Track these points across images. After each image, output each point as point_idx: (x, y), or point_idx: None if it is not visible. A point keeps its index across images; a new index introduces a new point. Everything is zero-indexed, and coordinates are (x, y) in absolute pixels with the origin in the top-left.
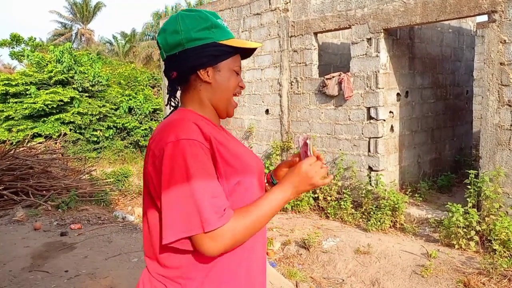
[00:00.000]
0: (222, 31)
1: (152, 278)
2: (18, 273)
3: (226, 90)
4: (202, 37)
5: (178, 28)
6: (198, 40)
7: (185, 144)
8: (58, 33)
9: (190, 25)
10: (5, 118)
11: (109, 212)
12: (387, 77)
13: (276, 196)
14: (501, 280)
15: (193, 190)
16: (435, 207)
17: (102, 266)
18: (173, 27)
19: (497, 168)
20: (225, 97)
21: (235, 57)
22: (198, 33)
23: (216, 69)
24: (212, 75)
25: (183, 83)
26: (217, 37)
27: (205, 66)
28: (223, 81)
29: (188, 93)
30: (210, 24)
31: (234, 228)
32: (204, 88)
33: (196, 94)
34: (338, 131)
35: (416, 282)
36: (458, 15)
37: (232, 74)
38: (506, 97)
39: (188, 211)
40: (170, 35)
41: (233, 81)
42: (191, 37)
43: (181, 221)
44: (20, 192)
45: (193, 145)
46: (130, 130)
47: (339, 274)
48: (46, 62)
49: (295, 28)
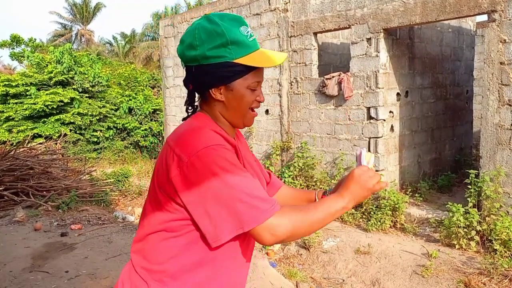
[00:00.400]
0: (240, 47)
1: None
2: (19, 274)
3: (239, 109)
4: (216, 55)
5: (194, 42)
6: (212, 58)
7: (215, 149)
8: (58, 34)
9: (205, 41)
10: (5, 118)
11: (109, 212)
12: (387, 77)
13: (334, 203)
14: (502, 280)
15: (235, 189)
16: (435, 207)
17: (102, 267)
18: (189, 41)
19: (498, 167)
20: (239, 114)
21: (253, 73)
22: (212, 51)
23: (229, 88)
24: (225, 94)
25: (200, 94)
26: (232, 56)
27: (217, 86)
28: (236, 100)
29: (205, 104)
30: (226, 40)
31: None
32: (218, 104)
33: (211, 108)
34: (338, 131)
35: (416, 282)
36: (458, 15)
37: (247, 92)
38: (507, 96)
39: (238, 207)
40: (187, 48)
41: (247, 98)
42: (205, 55)
43: (233, 219)
44: (21, 192)
45: (222, 149)
46: (130, 131)
47: (339, 274)
48: (46, 63)
49: (294, 28)
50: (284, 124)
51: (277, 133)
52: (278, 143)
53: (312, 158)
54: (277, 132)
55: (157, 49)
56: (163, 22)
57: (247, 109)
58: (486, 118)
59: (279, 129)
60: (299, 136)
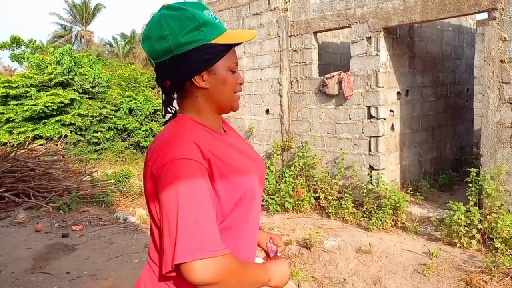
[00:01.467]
0: (213, 28)
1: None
2: (20, 275)
3: (225, 91)
4: (191, 40)
5: (164, 33)
6: (188, 44)
7: (180, 164)
8: (58, 35)
9: (176, 28)
10: (6, 120)
11: (110, 213)
12: (387, 76)
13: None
14: (503, 278)
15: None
16: (436, 206)
17: (103, 267)
18: (158, 33)
19: (499, 166)
20: (226, 98)
21: (230, 53)
22: (187, 36)
23: (212, 72)
24: (209, 80)
25: (178, 90)
26: (208, 37)
27: (199, 72)
28: (220, 83)
29: (185, 100)
30: (198, 23)
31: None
32: (202, 94)
33: (194, 101)
34: (339, 130)
35: (418, 281)
36: (458, 13)
37: (229, 73)
38: (507, 94)
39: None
40: (156, 42)
41: (231, 80)
42: (179, 43)
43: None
44: (21, 194)
45: (189, 165)
46: (130, 131)
47: (340, 273)
48: (46, 64)
49: (294, 27)
50: (285, 123)
51: (278, 132)
52: (278, 142)
53: (312, 157)
54: (278, 132)
55: None
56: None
57: (232, 92)
58: (487, 116)
59: (280, 128)
60: (299, 136)
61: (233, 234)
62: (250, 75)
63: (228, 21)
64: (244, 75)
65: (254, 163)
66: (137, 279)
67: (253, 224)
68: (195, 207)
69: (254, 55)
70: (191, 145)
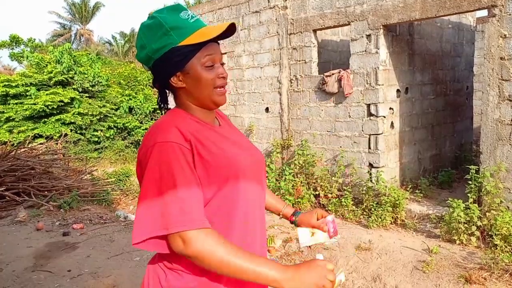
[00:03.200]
0: (181, 30)
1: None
2: (21, 273)
3: (202, 89)
4: (161, 45)
5: (142, 42)
6: (159, 49)
7: (161, 147)
8: (57, 34)
9: (149, 36)
10: (6, 119)
11: (111, 211)
12: (387, 74)
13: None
14: (503, 275)
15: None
16: (436, 203)
17: (104, 265)
18: (139, 43)
19: (498, 163)
20: (204, 94)
21: (203, 50)
22: (157, 43)
23: (185, 72)
24: (184, 79)
25: (168, 90)
26: (176, 40)
27: (174, 73)
28: (195, 82)
29: (175, 98)
30: (165, 29)
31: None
32: (182, 92)
33: (179, 98)
34: (338, 128)
35: (417, 277)
36: (458, 10)
37: (203, 70)
38: (507, 92)
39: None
40: (140, 51)
41: (206, 76)
42: (152, 49)
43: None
44: (22, 193)
45: (169, 148)
46: (130, 130)
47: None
48: (46, 63)
49: (294, 25)
50: (284, 122)
51: (277, 131)
52: (278, 141)
53: (312, 155)
54: (277, 130)
55: None
56: None
57: (211, 88)
58: (486, 114)
59: (279, 127)
60: (299, 134)
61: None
62: (249, 73)
63: (227, 19)
64: (244, 73)
65: (250, 157)
66: (138, 276)
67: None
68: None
69: (254, 53)
70: (172, 129)
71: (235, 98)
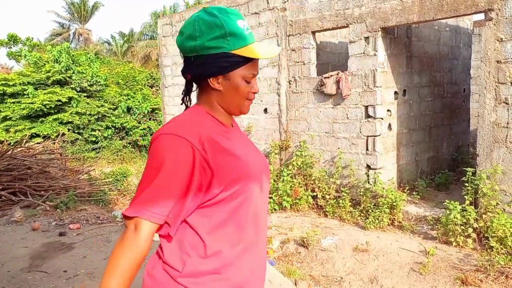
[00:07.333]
0: (238, 39)
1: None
2: (17, 274)
3: (235, 98)
4: (215, 46)
5: (194, 34)
6: (211, 48)
7: (163, 139)
8: (56, 33)
9: (205, 32)
10: (3, 118)
11: (108, 211)
12: (385, 76)
13: None
14: (499, 277)
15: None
16: (432, 205)
17: (101, 266)
18: (189, 32)
19: (494, 165)
20: (235, 102)
21: (250, 65)
22: (212, 42)
23: (227, 78)
24: (222, 83)
25: (197, 84)
26: (230, 47)
27: (215, 75)
28: (232, 89)
29: (202, 94)
30: (225, 32)
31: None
32: (215, 93)
33: (208, 97)
34: (336, 129)
35: (414, 279)
36: (455, 14)
37: (242, 82)
38: (503, 94)
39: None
40: (186, 39)
41: (243, 89)
42: (204, 45)
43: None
44: (18, 192)
45: (172, 139)
46: (128, 130)
47: (337, 272)
48: (44, 62)
49: (293, 27)
50: (283, 123)
51: (276, 132)
52: (276, 142)
53: (310, 156)
54: (276, 131)
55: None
56: (161, 21)
57: (244, 99)
58: (483, 116)
59: (278, 128)
60: (297, 135)
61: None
62: None
63: None
64: None
65: (260, 161)
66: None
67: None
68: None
69: None
70: (188, 125)
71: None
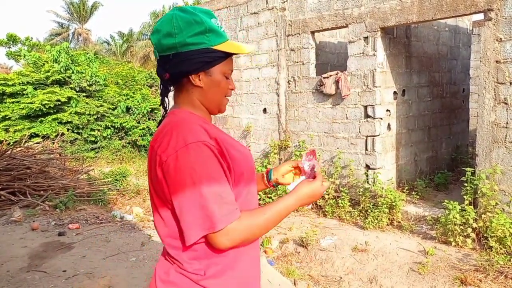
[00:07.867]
0: (217, 35)
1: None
2: (16, 273)
3: (217, 94)
4: (196, 42)
5: (173, 31)
6: (192, 45)
7: (194, 148)
8: (55, 33)
9: (184, 29)
10: (2, 118)
11: (107, 211)
12: (384, 76)
13: (289, 203)
14: (498, 276)
15: (202, 195)
16: (432, 205)
17: (100, 266)
18: (167, 29)
19: (493, 165)
20: (216, 100)
21: (228, 61)
22: (192, 38)
23: (208, 74)
24: (204, 80)
25: (175, 84)
26: (211, 42)
27: (197, 71)
28: (214, 85)
29: (181, 94)
30: (205, 28)
31: (249, 226)
32: (196, 91)
33: (188, 96)
34: (336, 129)
35: (413, 279)
36: (455, 14)
37: (223, 78)
38: (502, 95)
39: (200, 214)
40: (164, 37)
41: (224, 84)
42: (185, 42)
43: (196, 224)
44: (18, 192)
45: (202, 148)
46: (128, 130)
47: (337, 272)
48: (43, 62)
49: (292, 27)
50: (282, 122)
51: (275, 132)
52: (276, 142)
53: None
54: (275, 131)
55: None
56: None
57: (223, 95)
58: (482, 117)
59: (277, 127)
60: (296, 135)
61: None
62: (247, 74)
63: (226, 20)
64: (242, 74)
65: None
66: (133, 277)
67: None
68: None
69: (252, 54)
70: (198, 127)
71: (232, 99)
